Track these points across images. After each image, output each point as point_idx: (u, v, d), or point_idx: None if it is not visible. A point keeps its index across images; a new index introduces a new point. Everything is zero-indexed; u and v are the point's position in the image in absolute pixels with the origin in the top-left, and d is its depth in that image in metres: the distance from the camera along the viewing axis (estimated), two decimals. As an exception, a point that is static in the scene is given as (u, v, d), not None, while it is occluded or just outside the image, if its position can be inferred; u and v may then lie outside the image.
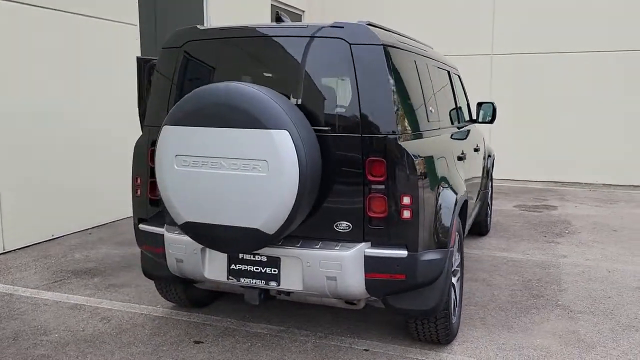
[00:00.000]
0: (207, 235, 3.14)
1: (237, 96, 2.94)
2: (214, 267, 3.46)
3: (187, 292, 4.19)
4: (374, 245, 3.19)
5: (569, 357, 3.61)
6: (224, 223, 3.05)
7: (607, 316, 4.30)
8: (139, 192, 3.72)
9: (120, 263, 5.64)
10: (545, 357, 3.60)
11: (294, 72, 3.28)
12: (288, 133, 2.87)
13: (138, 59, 5.02)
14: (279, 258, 3.29)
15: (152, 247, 3.70)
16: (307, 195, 2.96)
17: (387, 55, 3.18)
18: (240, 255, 3.38)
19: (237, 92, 2.96)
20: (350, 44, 3.16)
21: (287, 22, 3.50)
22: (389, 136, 3.12)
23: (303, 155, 2.90)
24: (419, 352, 3.67)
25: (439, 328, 3.57)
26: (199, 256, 3.45)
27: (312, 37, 3.24)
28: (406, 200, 3.11)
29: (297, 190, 2.91)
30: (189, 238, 3.42)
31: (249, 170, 2.94)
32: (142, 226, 3.74)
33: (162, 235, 3.59)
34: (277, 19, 3.53)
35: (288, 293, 3.45)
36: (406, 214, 3.12)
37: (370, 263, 3.16)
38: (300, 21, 12.19)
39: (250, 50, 3.41)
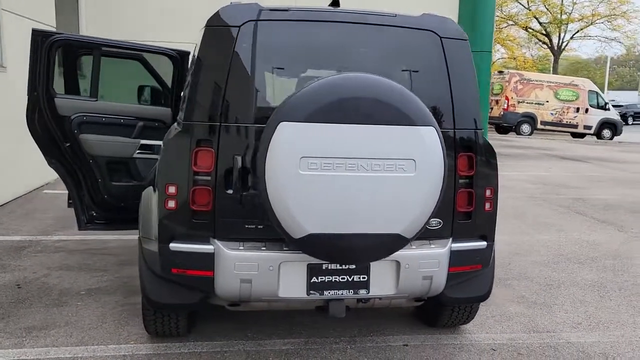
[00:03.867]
0: (333, 247, 2.73)
1: (381, 90, 2.63)
2: (289, 284, 3.02)
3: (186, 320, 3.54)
4: (457, 239, 3.22)
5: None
6: (359, 231, 2.71)
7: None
8: (172, 204, 2.98)
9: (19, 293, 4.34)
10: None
11: (380, 63, 3.06)
12: (434, 130, 2.71)
13: (34, 32, 3.96)
14: (368, 264, 3.06)
15: (194, 269, 3.02)
16: (442, 195, 2.84)
17: (470, 51, 3.22)
18: (324, 266, 3.04)
19: (379, 85, 2.64)
20: (441, 37, 3.10)
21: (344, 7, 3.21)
22: (477, 130, 3.18)
23: (444, 153, 2.77)
24: (451, 337, 3.84)
25: (472, 310, 3.77)
26: (275, 273, 2.98)
27: (402, 27, 3.07)
28: (488, 192, 3.23)
29: (439, 190, 2.78)
30: (262, 254, 2.95)
31: (393, 171, 2.67)
32: (175, 245, 3.01)
33: (212, 254, 2.97)
34: (334, 2, 3.23)
35: (365, 300, 3.23)
36: (488, 206, 3.24)
37: (455, 257, 3.19)
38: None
39: (327, 36, 3.03)
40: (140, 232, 3.35)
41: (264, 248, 2.98)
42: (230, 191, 2.94)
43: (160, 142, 4.50)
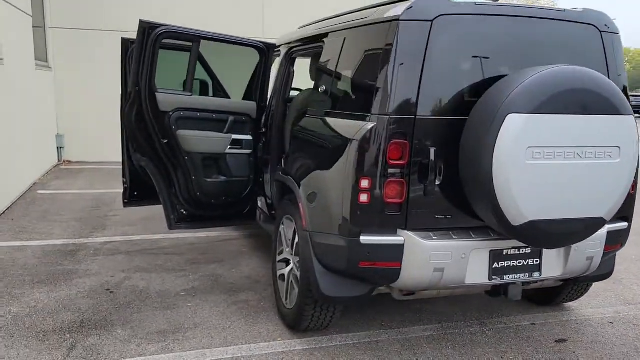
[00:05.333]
0: (547, 232, 2.87)
1: (596, 82, 2.79)
2: (474, 271, 3.13)
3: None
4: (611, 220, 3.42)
5: None
6: (572, 216, 2.86)
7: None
8: (365, 198, 2.99)
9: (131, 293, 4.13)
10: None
11: (555, 55, 3.20)
12: (633, 118, 2.91)
13: (142, 23, 3.84)
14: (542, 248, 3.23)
15: (383, 261, 3.06)
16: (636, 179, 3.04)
17: (622, 44, 3.44)
18: (505, 252, 3.18)
19: (594, 77, 2.79)
20: (600, 32, 3.29)
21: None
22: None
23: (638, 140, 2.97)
24: (566, 315, 4.10)
25: (588, 287, 4.05)
26: (465, 261, 3.08)
27: (570, 22, 3.23)
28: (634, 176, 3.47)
29: (634, 175, 2.98)
30: (456, 243, 3.04)
31: (602, 158, 2.84)
32: (366, 238, 3.03)
33: (402, 245, 3.03)
34: (493, -4, 3.34)
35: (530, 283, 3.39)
36: (632, 189, 3.48)
37: (609, 237, 3.41)
38: None
39: (511, 30, 3.12)
40: (309, 228, 3.32)
41: (455, 237, 3.06)
42: (423, 183, 2.99)
43: (249, 137, 4.46)
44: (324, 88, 3.61)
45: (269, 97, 4.78)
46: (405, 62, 2.96)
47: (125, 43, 4.99)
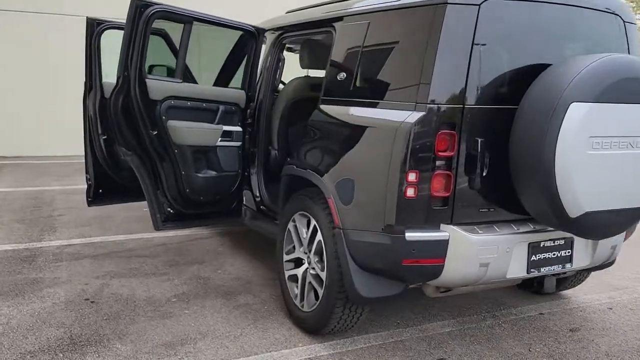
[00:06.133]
0: (602, 223, 2.82)
1: None
2: (514, 264, 3.06)
3: None
4: None
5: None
6: (626, 206, 2.84)
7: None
8: (412, 192, 2.82)
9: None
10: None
11: (590, 45, 3.17)
12: None
13: (133, 1, 3.48)
14: (572, 238, 3.22)
15: (427, 258, 2.91)
16: None
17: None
18: (542, 244, 3.13)
19: None
20: (624, 21, 3.31)
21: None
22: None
23: None
24: (566, 303, 4.16)
25: (588, 273, 4.12)
26: (509, 255, 3.00)
27: (601, 11, 3.21)
28: None
29: None
30: (502, 236, 2.96)
31: None
32: (411, 235, 2.87)
33: (447, 240, 2.90)
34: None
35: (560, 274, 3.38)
36: None
37: None
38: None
39: (552, 18, 3.04)
40: (343, 225, 3.10)
41: (499, 230, 2.97)
42: (470, 175, 2.87)
43: (239, 129, 4.16)
44: (344, 75, 3.38)
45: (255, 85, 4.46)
46: (453, 48, 2.81)
47: (92, 24, 4.49)
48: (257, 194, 4.42)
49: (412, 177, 2.80)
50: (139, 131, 3.79)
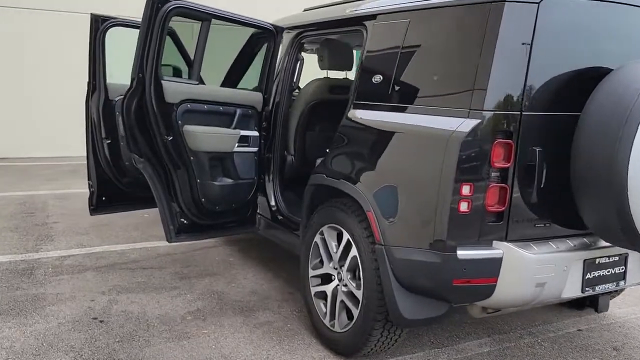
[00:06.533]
0: None
1: None
2: (570, 283, 2.85)
3: None
4: None
5: None
6: None
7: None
8: (465, 207, 2.58)
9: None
10: None
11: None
12: None
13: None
14: (627, 254, 3.02)
15: (479, 278, 2.68)
16: None
17: None
18: (597, 261, 2.92)
19: None
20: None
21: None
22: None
23: None
24: (602, 318, 3.95)
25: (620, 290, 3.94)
26: (566, 273, 2.78)
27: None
28: None
29: None
30: (560, 254, 2.75)
31: None
32: (463, 253, 2.63)
33: (501, 258, 2.67)
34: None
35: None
36: None
37: None
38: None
39: (611, 19, 2.83)
40: (385, 241, 2.85)
41: (555, 247, 2.75)
42: (527, 188, 2.65)
43: (256, 133, 3.89)
44: (380, 78, 3.13)
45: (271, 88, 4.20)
46: (511, 50, 2.58)
47: (96, 21, 4.19)
48: (273, 203, 4.16)
49: (466, 190, 2.57)
50: (153, 137, 3.50)
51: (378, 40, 3.23)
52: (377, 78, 3.16)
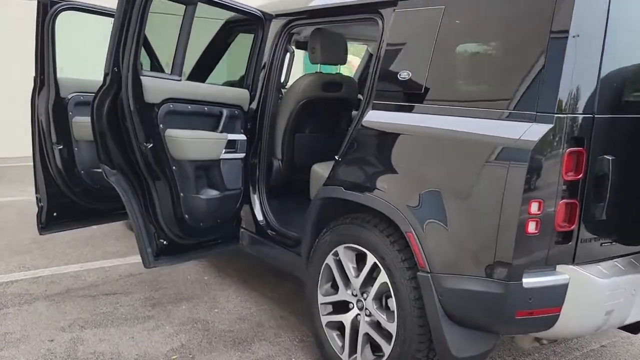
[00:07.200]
0: None
1: None
2: (636, 307, 2.53)
3: None
4: None
5: None
6: None
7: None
8: (533, 227, 2.19)
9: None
10: None
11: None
12: None
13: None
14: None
15: (543, 308, 2.31)
16: None
17: None
18: (659, 282, 2.62)
19: None
20: None
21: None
22: None
23: None
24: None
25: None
26: (634, 297, 2.46)
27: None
28: None
29: None
30: (629, 277, 2.42)
31: None
32: (529, 281, 2.25)
33: (567, 285, 2.31)
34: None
35: None
36: None
37: None
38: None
39: None
40: (432, 269, 2.41)
41: (624, 269, 2.42)
42: (598, 202, 2.29)
43: (243, 137, 3.38)
44: (409, 75, 2.68)
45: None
46: (583, 42, 2.20)
47: (44, 4, 3.51)
48: (260, 215, 3.64)
49: (534, 208, 2.18)
50: (129, 144, 2.91)
51: (402, 31, 2.78)
52: (405, 75, 2.70)
